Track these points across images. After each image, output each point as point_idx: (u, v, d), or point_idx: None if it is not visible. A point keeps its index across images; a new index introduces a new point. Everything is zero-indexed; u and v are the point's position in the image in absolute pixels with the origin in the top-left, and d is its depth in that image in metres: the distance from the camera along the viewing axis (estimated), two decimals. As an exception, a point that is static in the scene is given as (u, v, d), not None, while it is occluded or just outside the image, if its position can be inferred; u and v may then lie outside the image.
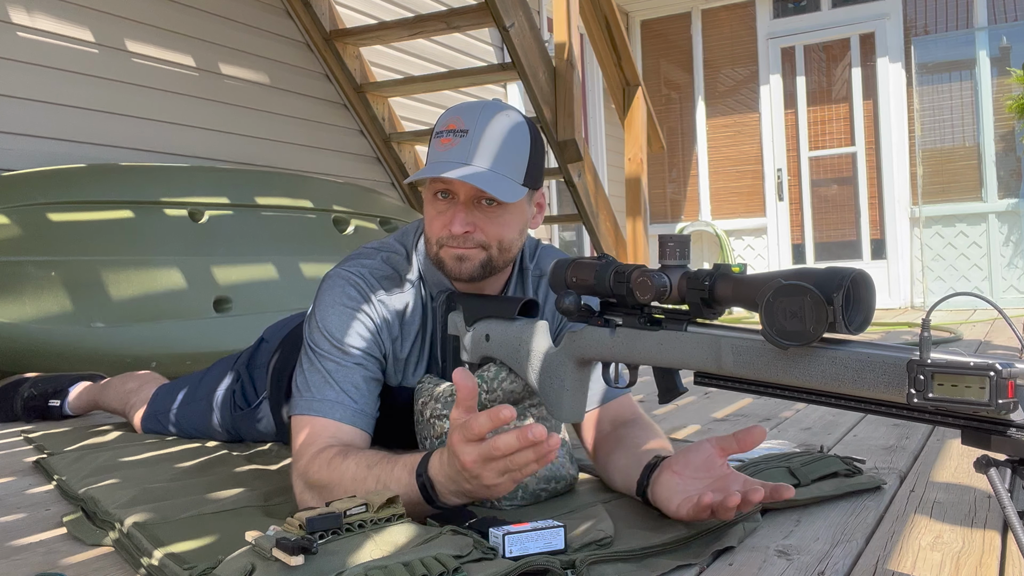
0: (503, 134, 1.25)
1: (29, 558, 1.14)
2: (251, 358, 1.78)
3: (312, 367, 1.29)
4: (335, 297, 1.31)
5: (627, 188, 4.58)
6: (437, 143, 1.26)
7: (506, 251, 1.30)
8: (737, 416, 2.18)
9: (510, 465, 0.99)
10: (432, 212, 1.29)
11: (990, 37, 6.59)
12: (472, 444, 1.00)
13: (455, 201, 1.26)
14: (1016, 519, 0.76)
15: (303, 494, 1.19)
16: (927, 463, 1.57)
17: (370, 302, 1.32)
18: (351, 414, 1.26)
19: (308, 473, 1.18)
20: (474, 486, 1.03)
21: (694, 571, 1.01)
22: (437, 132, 1.27)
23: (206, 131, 3.67)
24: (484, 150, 1.23)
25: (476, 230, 1.26)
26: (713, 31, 7.59)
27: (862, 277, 0.83)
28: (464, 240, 1.26)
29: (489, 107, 1.27)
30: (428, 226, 1.30)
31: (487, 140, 1.24)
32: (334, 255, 3.43)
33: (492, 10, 3.54)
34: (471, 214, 1.26)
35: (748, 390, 0.94)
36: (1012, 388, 0.73)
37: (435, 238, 1.29)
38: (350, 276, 1.33)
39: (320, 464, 1.17)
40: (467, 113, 1.26)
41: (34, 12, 3.05)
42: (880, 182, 6.97)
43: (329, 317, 1.30)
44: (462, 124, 1.25)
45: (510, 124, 1.27)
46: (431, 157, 1.27)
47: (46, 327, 2.51)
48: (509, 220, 1.29)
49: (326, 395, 1.26)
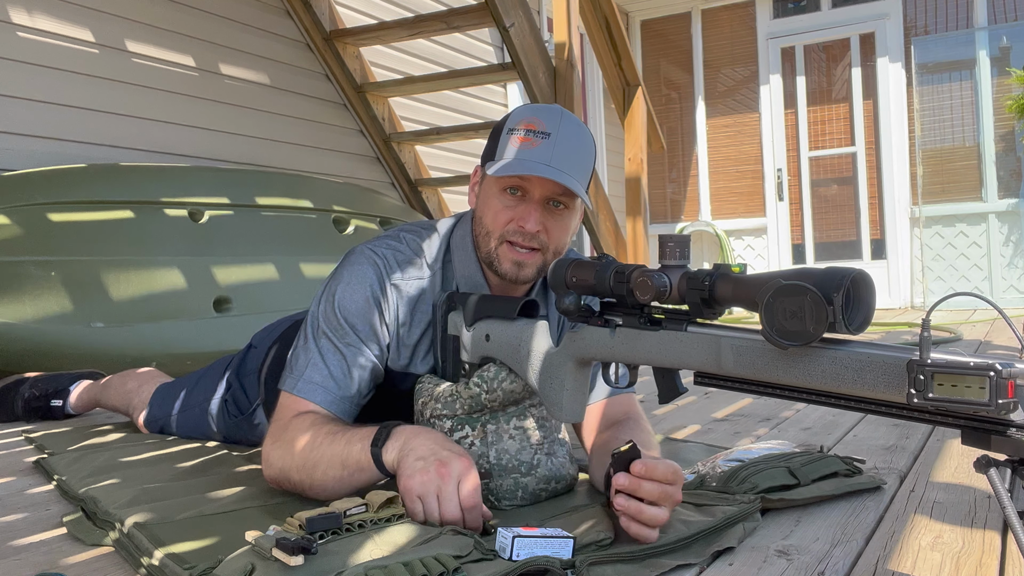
0: (581, 142, 1.30)
1: (29, 558, 1.14)
2: (240, 365, 1.78)
3: (306, 344, 1.32)
4: (352, 274, 1.33)
5: (627, 188, 4.58)
6: (514, 140, 1.28)
7: (558, 255, 1.33)
8: (737, 416, 2.18)
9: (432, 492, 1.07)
10: (498, 206, 1.30)
11: (990, 37, 6.59)
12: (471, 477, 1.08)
13: (526, 199, 1.29)
14: (1016, 519, 0.76)
15: (270, 448, 1.27)
16: (927, 463, 1.57)
17: (385, 285, 1.33)
18: (332, 399, 1.30)
19: (286, 429, 1.26)
20: (409, 464, 1.10)
21: (694, 571, 1.01)
22: (511, 129, 1.30)
23: (206, 131, 3.67)
24: (565, 155, 1.27)
25: (543, 231, 1.29)
26: (713, 31, 7.59)
27: (862, 277, 0.83)
28: (531, 239, 1.29)
29: (565, 113, 1.31)
30: (492, 219, 1.31)
31: (568, 146, 1.27)
32: (334, 255, 3.43)
33: (492, 10, 3.55)
34: (540, 213, 1.29)
35: (748, 390, 0.94)
36: (1012, 388, 0.73)
37: (499, 231, 1.30)
38: (372, 256, 1.34)
39: (299, 422, 1.25)
40: (546, 116, 1.29)
41: (34, 12, 3.05)
42: (880, 182, 6.97)
43: (342, 292, 1.32)
44: (543, 126, 1.28)
45: (584, 133, 1.31)
46: (510, 153, 1.28)
47: (46, 327, 2.51)
48: (570, 225, 1.33)
49: (312, 377, 1.30)
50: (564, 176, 1.25)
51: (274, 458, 1.27)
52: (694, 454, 1.67)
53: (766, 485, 1.25)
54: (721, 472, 1.31)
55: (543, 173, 1.23)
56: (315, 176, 3.96)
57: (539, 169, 1.24)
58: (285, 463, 1.25)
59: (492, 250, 1.31)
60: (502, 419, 1.28)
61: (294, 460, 1.24)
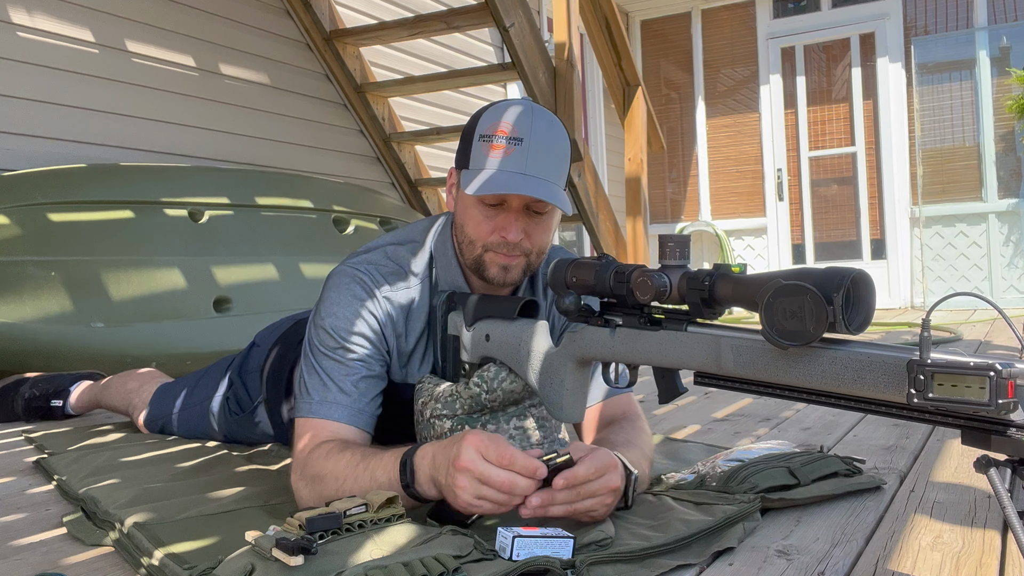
0: (554, 143, 1.28)
1: (29, 558, 1.14)
2: (243, 363, 1.79)
3: (311, 369, 1.30)
4: (340, 294, 1.32)
5: (627, 188, 4.58)
6: (487, 148, 1.26)
7: (542, 256, 1.33)
8: (737, 416, 2.18)
9: (485, 495, 1.02)
10: (478, 216, 1.28)
11: (990, 37, 6.59)
12: (482, 459, 1.02)
13: (505, 208, 1.27)
14: (1016, 519, 0.76)
15: (299, 484, 1.21)
16: (927, 463, 1.57)
17: (375, 299, 1.32)
18: (349, 414, 1.27)
19: (306, 465, 1.20)
20: (446, 483, 1.05)
21: (694, 571, 1.01)
22: (484, 135, 1.27)
23: (206, 131, 3.67)
24: (540, 160, 1.25)
25: (525, 238, 1.28)
26: (713, 31, 7.59)
27: (862, 277, 0.83)
28: (513, 248, 1.28)
29: (537, 113, 1.27)
30: (473, 229, 1.29)
31: (542, 150, 1.25)
32: (334, 255, 3.44)
33: (492, 10, 3.55)
34: (521, 221, 1.28)
35: (748, 390, 0.94)
36: (1012, 388, 0.73)
37: (482, 242, 1.29)
38: (355, 273, 1.33)
39: (318, 455, 1.19)
40: (517, 120, 1.26)
41: (34, 12, 3.05)
42: (880, 182, 6.97)
43: (334, 314, 1.31)
44: (515, 131, 1.25)
45: (557, 132, 1.29)
46: (484, 163, 1.26)
47: (46, 327, 2.51)
48: (550, 225, 1.32)
49: (326, 397, 1.27)
50: (542, 186, 1.23)
51: (304, 496, 1.21)
52: (694, 454, 1.67)
53: (766, 485, 1.25)
54: (721, 472, 1.32)
55: (520, 190, 1.21)
56: (315, 176, 3.96)
57: (516, 185, 1.22)
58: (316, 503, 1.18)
59: (477, 257, 1.30)
60: (502, 419, 1.28)
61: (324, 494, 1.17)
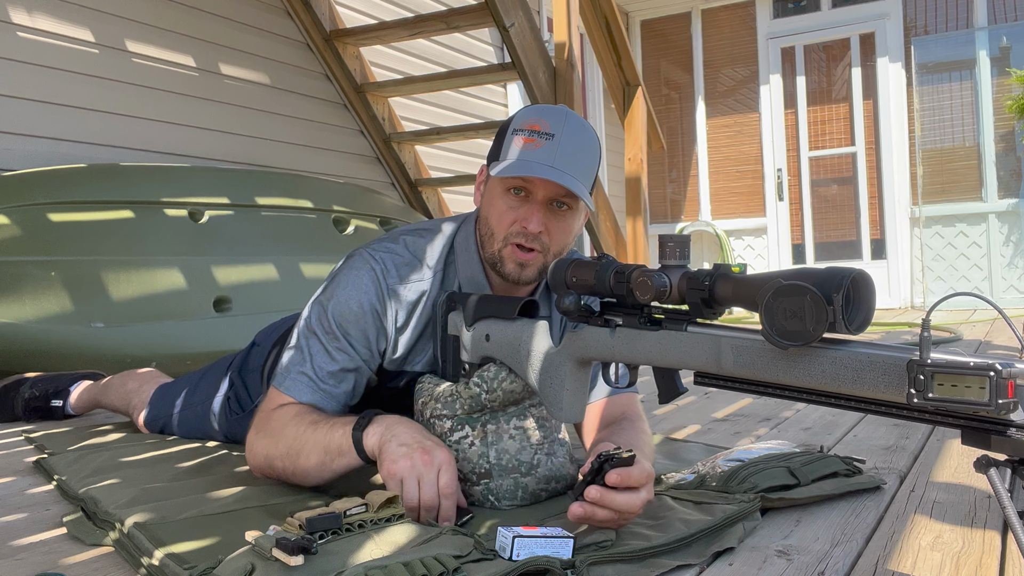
0: (584, 143, 1.30)
1: (29, 558, 1.14)
2: (244, 363, 1.79)
3: (298, 344, 1.34)
4: (350, 279, 1.34)
5: (627, 188, 4.58)
6: (518, 140, 1.29)
7: (559, 257, 1.33)
8: (737, 416, 2.18)
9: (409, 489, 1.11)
10: (502, 206, 1.30)
11: (990, 37, 6.59)
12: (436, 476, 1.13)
13: (530, 200, 1.29)
14: (1016, 519, 0.76)
15: (254, 438, 1.30)
16: (927, 463, 1.57)
17: (382, 294, 1.33)
18: (318, 397, 1.31)
19: (264, 423, 1.29)
20: (392, 450, 1.14)
21: (694, 571, 1.01)
22: (516, 129, 1.30)
23: (206, 131, 3.67)
24: (569, 156, 1.27)
25: (545, 232, 1.29)
26: (713, 31, 7.59)
27: (862, 277, 0.83)
28: (533, 240, 1.29)
29: (570, 114, 1.31)
30: (497, 220, 1.31)
31: (571, 147, 1.27)
32: (334, 255, 3.43)
33: (492, 10, 3.55)
34: (543, 214, 1.29)
35: (748, 390, 0.94)
36: (1012, 388, 0.73)
37: (504, 232, 1.30)
38: (370, 261, 1.35)
39: (278, 414, 1.28)
40: (550, 117, 1.29)
41: (34, 12, 3.05)
42: (880, 182, 6.97)
43: (337, 298, 1.33)
44: (547, 127, 1.28)
45: (589, 135, 1.31)
46: (514, 154, 1.29)
47: (46, 327, 2.51)
48: (572, 226, 1.33)
49: (300, 375, 1.32)
50: (566, 177, 1.25)
51: (258, 447, 1.30)
52: (694, 454, 1.67)
53: (766, 485, 1.25)
54: (721, 472, 1.32)
55: (544, 174, 1.24)
56: (315, 176, 3.96)
57: (541, 170, 1.24)
58: (269, 451, 1.28)
59: (497, 251, 1.32)
60: (502, 419, 1.28)
61: (277, 448, 1.26)
